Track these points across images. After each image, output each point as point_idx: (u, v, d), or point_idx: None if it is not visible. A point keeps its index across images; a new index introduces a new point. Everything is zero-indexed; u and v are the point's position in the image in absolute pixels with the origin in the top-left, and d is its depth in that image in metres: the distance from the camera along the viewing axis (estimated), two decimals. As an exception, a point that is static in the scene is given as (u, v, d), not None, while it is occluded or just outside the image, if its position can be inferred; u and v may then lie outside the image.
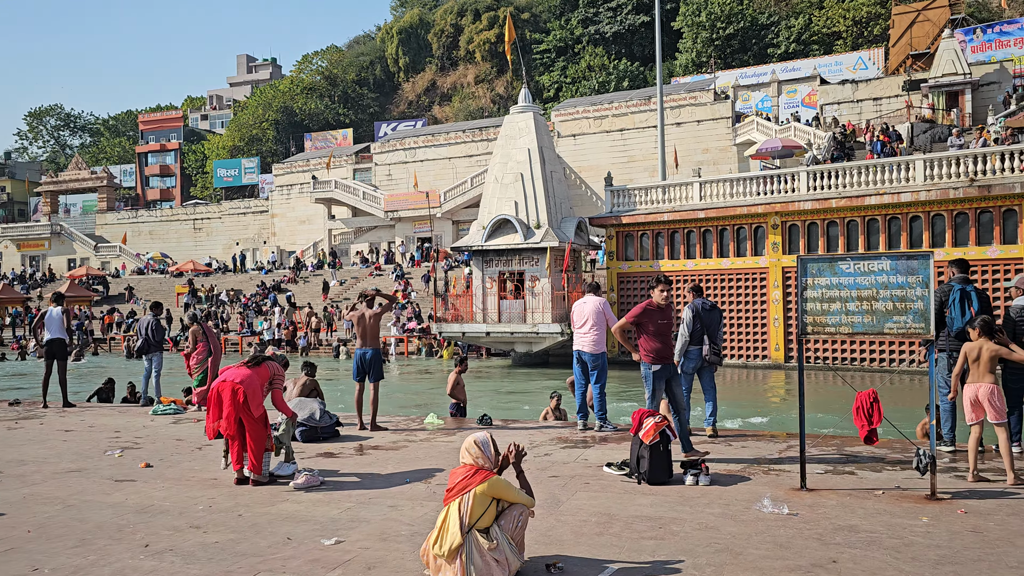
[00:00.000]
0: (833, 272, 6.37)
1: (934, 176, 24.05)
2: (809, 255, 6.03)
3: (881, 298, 6.24)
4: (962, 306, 7.82)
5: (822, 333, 6.45)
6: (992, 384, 6.83)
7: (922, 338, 6.20)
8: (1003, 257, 22.89)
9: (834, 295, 6.38)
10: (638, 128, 52.31)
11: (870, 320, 6.29)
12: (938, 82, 47.33)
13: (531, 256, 29.79)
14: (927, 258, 6.14)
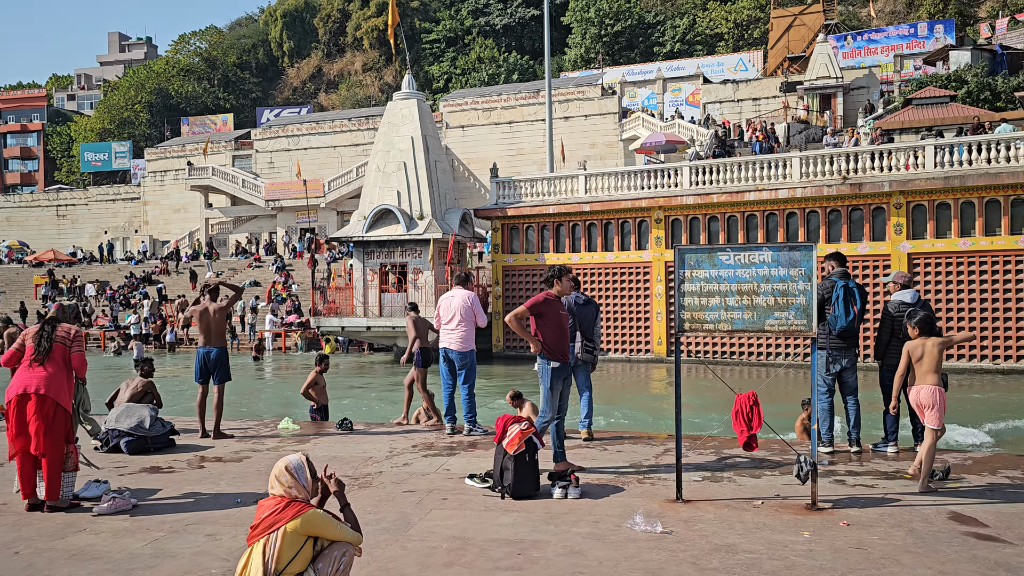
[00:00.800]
0: (712, 264, 5.84)
1: (810, 174, 24.56)
2: (688, 246, 5.43)
3: (762, 292, 5.75)
4: (846, 304, 7.50)
5: (700, 330, 5.91)
6: (935, 386, 6.47)
7: (804, 335, 5.74)
8: (872, 253, 23.59)
9: (713, 289, 5.85)
10: (527, 121, 51.98)
11: (751, 316, 5.79)
12: (813, 85, 49.12)
13: (414, 248, 28.83)
14: (810, 249, 5.68)
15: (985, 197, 22.27)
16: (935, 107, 37.65)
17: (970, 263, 22.40)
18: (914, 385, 6.57)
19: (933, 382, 6.43)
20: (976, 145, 22.51)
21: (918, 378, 6.53)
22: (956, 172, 22.43)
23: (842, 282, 7.53)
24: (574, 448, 7.85)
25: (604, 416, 15.02)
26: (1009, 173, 21.66)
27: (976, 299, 22.26)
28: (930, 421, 6.43)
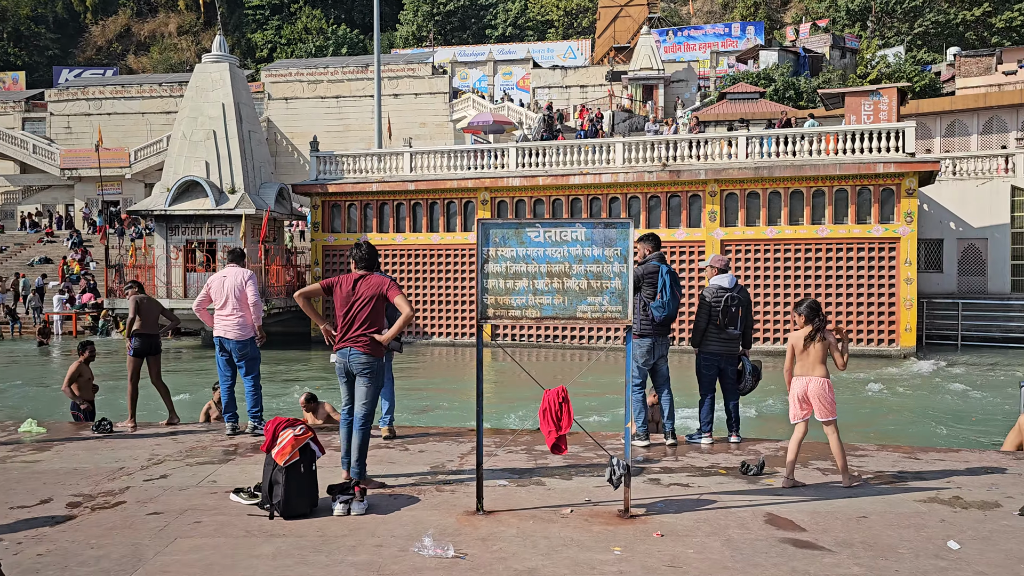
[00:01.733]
0: (520, 241, 5.09)
1: (632, 160, 24.82)
2: (492, 220, 4.62)
3: (574, 274, 5.08)
4: (672, 291, 7.04)
5: (506, 317, 5.15)
6: (823, 378, 6.14)
7: (619, 323, 5.11)
8: (689, 240, 24.19)
9: (521, 270, 5.10)
10: (355, 96, 50.04)
11: (561, 301, 5.10)
12: (636, 75, 50.49)
13: (224, 224, 26.67)
14: (626, 227, 5.06)
15: (790, 188, 23.33)
16: (747, 102, 39.58)
17: (776, 250, 23.43)
18: (799, 376, 6.24)
19: (822, 374, 6.15)
20: (783, 138, 23.53)
21: (805, 369, 6.19)
22: (765, 163, 23.35)
23: (665, 267, 7.09)
24: (371, 450, 6.94)
25: (416, 408, 14.20)
26: (812, 166, 22.78)
27: (781, 284, 23.33)
28: (822, 415, 6.14)
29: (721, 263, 7.46)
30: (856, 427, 12.99)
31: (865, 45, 54.70)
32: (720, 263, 7.46)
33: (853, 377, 19.01)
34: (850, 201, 22.87)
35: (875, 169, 22.17)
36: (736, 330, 7.38)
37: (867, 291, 22.68)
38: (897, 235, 22.38)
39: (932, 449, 7.19)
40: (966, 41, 57.44)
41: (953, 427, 12.98)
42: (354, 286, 5.76)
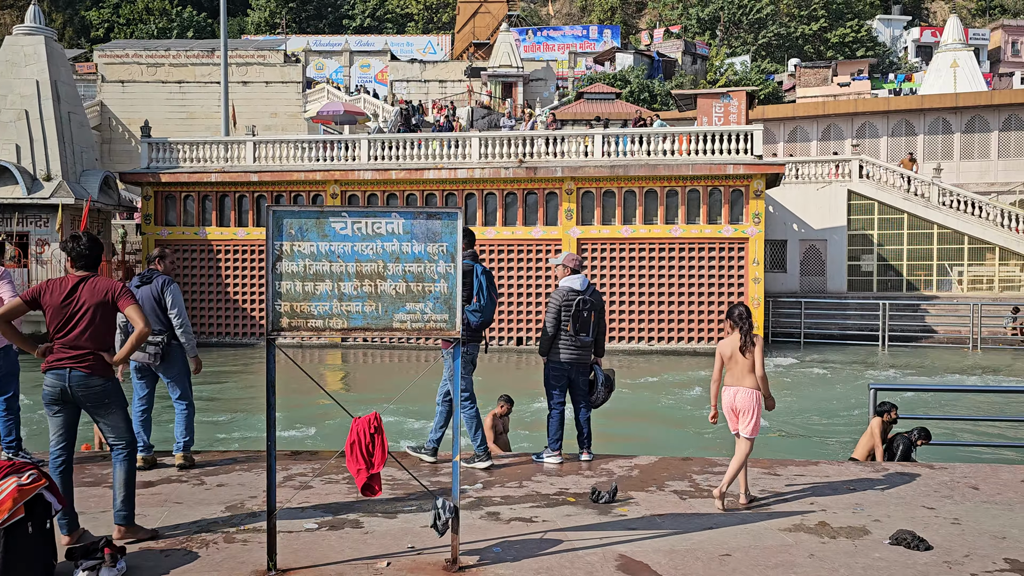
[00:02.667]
0: (322, 234, 4.08)
1: (489, 155, 24.10)
2: (287, 208, 3.57)
3: (390, 276, 4.12)
4: (489, 292, 6.23)
5: (304, 328, 4.13)
6: (754, 389, 5.67)
7: (445, 335, 4.20)
8: (546, 238, 23.74)
9: (323, 270, 4.10)
10: (200, 82, 46.91)
11: (374, 309, 4.14)
12: (496, 72, 50.01)
13: (37, 215, 23.93)
14: (453, 218, 4.16)
15: (645, 187, 23.32)
16: (603, 102, 39.87)
17: (631, 249, 23.36)
18: (727, 387, 5.78)
19: (751, 385, 5.68)
20: (639, 137, 23.50)
21: (734, 379, 5.74)
22: (621, 162, 23.23)
23: (480, 267, 6.28)
24: (159, 484, 5.72)
25: (235, 423, 12.83)
26: (665, 166, 22.84)
27: (636, 284, 23.28)
28: (745, 429, 5.66)
29: (574, 262, 6.71)
30: (710, 434, 12.77)
31: (714, 52, 56.78)
32: (573, 262, 6.71)
33: (705, 376, 19.13)
34: (702, 201, 23.10)
35: (725, 170, 22.48)
36: (588, 337, 6.67)
37: (718, 290, 22.99)
38: (746, 235, 22.80)
39: (791, 462, 6.74)
40: (805, 54, 60.75)
41: (805, 426, 12.96)
42: (71, 292, 4.52)
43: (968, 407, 13.67)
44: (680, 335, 23.14)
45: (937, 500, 5.57)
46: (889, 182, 28.13)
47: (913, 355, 22.68)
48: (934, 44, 57.12)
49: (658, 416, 13.83)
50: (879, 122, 33.41)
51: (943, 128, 32.63)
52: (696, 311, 23.07)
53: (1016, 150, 31.75)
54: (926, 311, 25.66)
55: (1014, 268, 26.80)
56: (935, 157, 32.16)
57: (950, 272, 27.48)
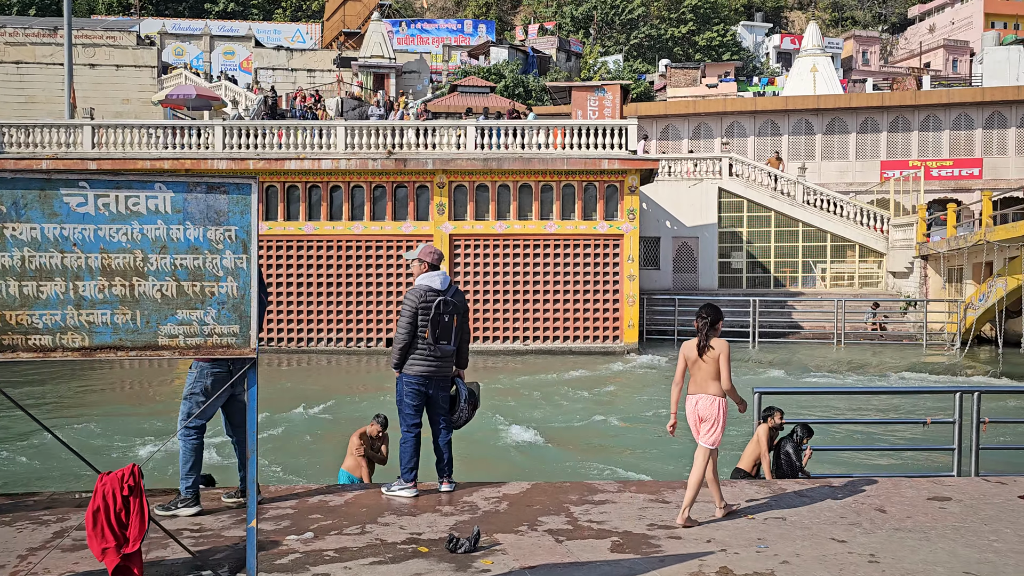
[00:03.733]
0: (50, 211, 2.84)
1: (355, 145, 22.68)
2: (17, 171, 2.27)
3: (154, 271, 2.93)
4: (260, 296, 5.08)
5: (23, 348, 2.88)
6: (718, 396, 5.28)
7: (235, 353, 3.05)
8: (416, 233, 22.57)
9: (52, 264, 2.86)
10: (41, 63, 42.95)
11: (129, 319, 2.93)
12: (367, 63, 48.26)
13: None
14: (246, 191, 3.00)
15: (520, 181, 22.53)
16: (477, 95, 38.98)
17: (505, 245, 22.53)
18: (690, 394, 5.37)
19: (715, 392, 5.28)
20: (513, 130, 22.67)
21: (696, 386, 5.33)
22: (495, 155, 22.34)
23: None
24: None
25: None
26: (540, 159, 22.12)
27: (510, 281, 22.47)
28: (705, 439, 5.27)
29: (432, 256, 5.66)
30: (593, 439, 12.01)
31: (588, 51, 57.05)
32: (431, 256, 5.66)
33: (580, 375, 18.49)
34: (577, 197, 22.54)
35: (601, 165, 21.99)
36: (450, 345, 5.63)
37: (593, 288, 22.50)
38: (621, 232, 22.40)
39: (680, 486, 5.93)
40: (674, 55, 62.06)
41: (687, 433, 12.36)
42: None
43: (843, 408, 13.51)
44: (556, 334, 22.51)
45: (846, 529, 4.86)
46: (757, 180, 28.58)
47: (782, 350, 22.93)
48: (793, 51, 59.58)
49: (535, 425, 12.98)
50: (747, 122, 34.08)
51: (806, 129, 33.61)
52: (572, 309, 22.50)
53: (872, 152, 33.08)
54: (793, 307, 26.15)
55: (872, 265, 27.75)
56: (799, 157, 33.09)
57: (814, 269, 28.19)
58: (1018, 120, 31.82)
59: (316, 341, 22.50)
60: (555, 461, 10.71)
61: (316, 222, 22.67)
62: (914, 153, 32.62)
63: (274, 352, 22.25)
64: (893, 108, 32.86)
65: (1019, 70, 48.87)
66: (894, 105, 32.87)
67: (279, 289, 22.52)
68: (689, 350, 5.35)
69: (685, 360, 5.37)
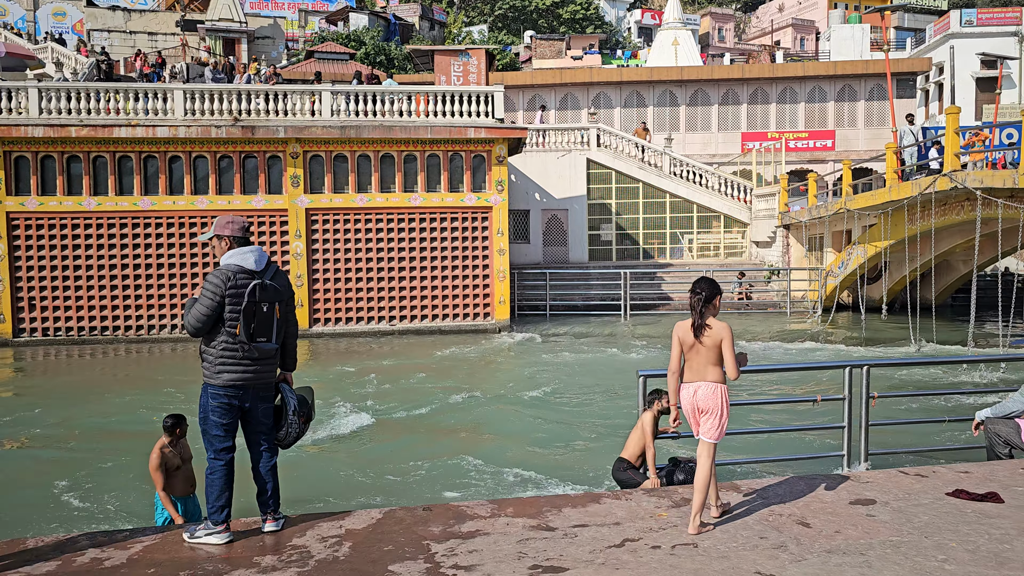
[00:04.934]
0: None
1: (196, 111, 20.47)
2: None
3: None
4: None
5: None
6: (718, 382, 4.69)
7: None
8: (269, 208, 20.72)
9: None
10: None
11: None
12: (215, 26, 44.90)
13: None
14: None
15: (381, 151, 21.05)
16: (335, 62, 36.89)
17: (367, 220, 21.05)
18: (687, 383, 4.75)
19: (715, 378, 4.68)
20: (372, 96, 21.11)
21: (693, 373, 4.73)
22: (353, 123, 20.72)
23: None
24: None
25: None
26: (402, 127, 20.71)
27: (373, 258, 21.04)
28: (707, 432, 4.69)
29: (234, 228, 4.33)
30: (462, 426, 10.93)
31: (452, 20, 55.49)
32: (233, 228, 4.33)
33: (450, 355, 17.42)
34: (443, 168, 21.29)
35: (467, 133, 20.81)
36: (271, 343, 4.35)
37: (462, 264, 21.40)
38: (490, 204, 21.36)
39: (566, 502, 4.92)
40: (539, 27, 61.44)
41: (565, 418, 11.52)
42: None
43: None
44: (425, 313, 21.29)
45: (770, 555, 3.99)
46: (625, 151, 28.24)
47: (654, 323, 22.67)
48: (654, 26, 60.26)
49: (397, 414, 11.78)
50: (613, 93, 33.75)
51: (670, 100, 33.63)
52: (441, 287, 21.33)
53: (733, 123, 33.49)
54: (662, 279, 26.01)
55: (737, 235, 28.04)
56: (664, 129, 33.08)
57: (681, 240, 28.21)
58: (866, 93, 32.97)
59: (159, 328, 20.34)
60: (421, 456, 9.59)
61: (154, 196, 20.40)
62: (772, 125, 33.26)
63: (108, 343, 19.97)
64: (752, 80, 33.33)
65: (863, 47, 51.26)
66: (753, 77, 33.35)
67: (101, 272, 20.19)
68: (684, 332, 4.71)
69: (680, 343, 4.74)
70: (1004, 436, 5.78)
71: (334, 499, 7.51)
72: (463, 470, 8.41)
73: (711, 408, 4.63)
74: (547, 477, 8.06)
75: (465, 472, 8.38)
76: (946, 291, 22.83)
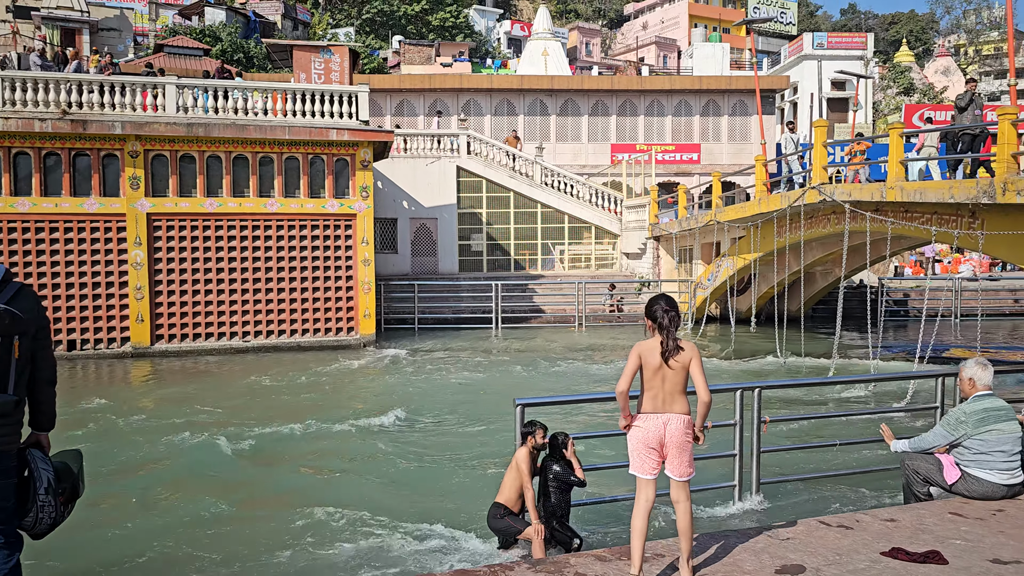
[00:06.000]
0: None
1: (16, 101, 18.13)
2: None
3: None
4: None
5: None
6: (685, 414, 4.16)
7: None
8: (104, 212, 18.59)
9: None
10: None
11: None
12: (52, 14, 41.20)
13: None
14: None
15: (233, 152, 19.35)
16: (188, 58, 34.43)
17: (218, 227, 19.27)
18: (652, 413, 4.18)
19: (683, 409, 4.20)
20: (224, 91, 19.39)
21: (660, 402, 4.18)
22: (201, 120, 18.94)
23: None
24: None
25: None
26: (258, 127, 19.10)
27: (225, 269, 19.26)
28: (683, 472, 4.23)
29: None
30: (315, 453, 9.65)
31: (317, 20, 53.44)
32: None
33: (308, 374, 15.98)
34: (302, 171, 19.81)
35: (329, 135, 19.44)
36: (6, 394, 3.09)
37: (323, 275, 19.95)
38: (354, 212, 20.05)
39: None
40: (408, 33, 60.23)
41: (438, 450, 10.46)
42: None
43: (605, 410, 12.25)
44: (283, 328, 19.69)
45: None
46: (496, 160, 27.56)
47: (526, 336, 21.98)
48: (524, 37, 60.28)
49: (243, 441, 10.37)
50: (483, 100, 33.07)
51: (541, 110, 33.29)
52: (300, 299, 19.80)
53: (603, 135, 33.52)
54: (534, 290, 25.41)
55: (608, 246, 27.87)
56: (535, 138, 32.69)
57: (553, 251, 27.77)
58: (730, 109, 33.80)
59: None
60: (256, 504, 8.31)
61: (-38, 197, 17.88)
62: (641, 137, 33.52)
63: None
64: (621, 92, 33.49)
65: (723, 65, 53.08)
66: (622, 89, 33.52)
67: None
68: (649, 354, 4.18)
69: (640, 365, 4.19)
70: (924, 474, 5.22)
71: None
72: (304, 524, 7.21)
73: (685, 444, 4.17)
74: (413, 526, 6.99)
75: (309, 526, 7.19)
76: (808, 303, 23.33)
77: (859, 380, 11.30)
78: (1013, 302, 26.58)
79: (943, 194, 12.47)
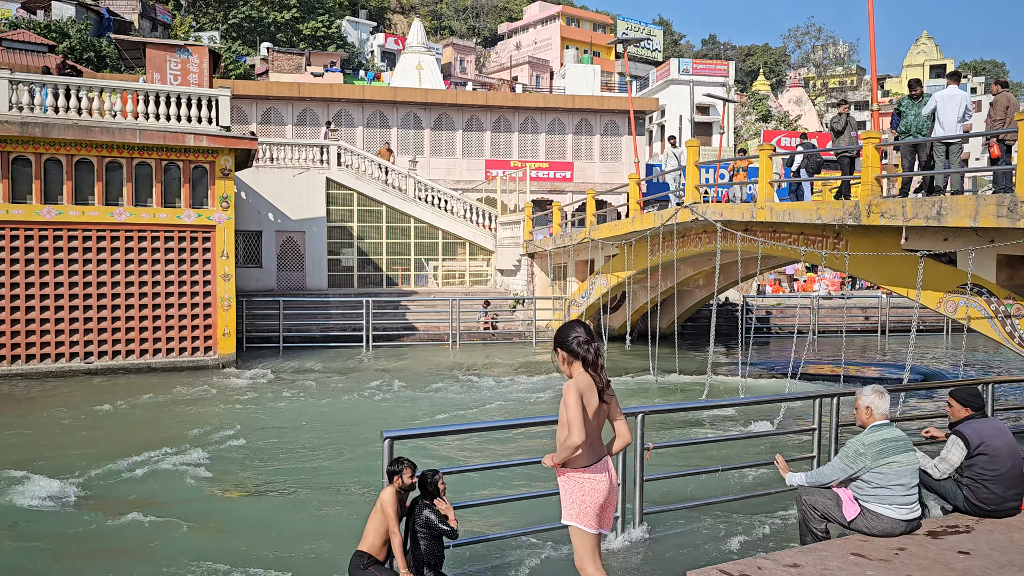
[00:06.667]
0: None
1: None
2: None
3: None
4: None
5: None
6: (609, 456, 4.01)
7: None
8: (-81, 219, 16.50)
9: None
10: None
11: None
12: None
13: None
14: None
15: (76, 156, 17.66)
16: (31, 54, 31.68)
17: (57, 238, 17.49)
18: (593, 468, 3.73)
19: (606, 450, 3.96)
20: (66, 88, 17.69)
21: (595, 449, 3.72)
22: (39, 119, 17.18)
23: None
24: None
25: None
26: (104, 129, 17.52)
27: (65, 284, 17.49)
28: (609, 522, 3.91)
29: None
30: (133, 506, 8.57)
31: (179, 22, 50.77)
32: None
33: (157, 400, 14.61)
34: (155, 179, 18.32)
35: (185, 141, 18.08)
36: None
37: (178, 290, 18.48)
38: (212, 223, 18.71)
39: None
40: (277, 41, 58.27)
41: (293, 483, 9.59)
42: None
43: (483, 442, 11.64)
44: (131, 348, 18.06)
45: None
46: (368, 172, 26.70)
47: (398, 355, 21.18)
48: (398, 51, 59.50)
49: (73, 478, 9.15)
50: (355, 111, 32.11)
51: (415, 123, 32.67)
52: (151, 316, 18.23)
53: (477, 150, 33.24)
54: (407, 307, 24.65)
55: (482, 262, 27.48)
56: (408, 151, 32.01)
57: (426, 267, 27.12)
58: (602, 128, 34.27)
59: None
60: (96, 543, 7.25)
61: None
62: (515, 154, 33.45)
63: None
64: (496, 108, 33.34)
65: (595, 86, 54.15)
66: (496, 105, 33.37)
67: None
68: (590, 392, 3.68)
69: (581, 403, 3.63)
70: (822, 509, 4.95)
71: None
72: (165, 557, 6.27)
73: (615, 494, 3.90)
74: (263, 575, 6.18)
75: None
76: (679, 319, 23.69)
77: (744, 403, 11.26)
78: (864, 319, 28.04)
79: (811, 215, 12.75)
